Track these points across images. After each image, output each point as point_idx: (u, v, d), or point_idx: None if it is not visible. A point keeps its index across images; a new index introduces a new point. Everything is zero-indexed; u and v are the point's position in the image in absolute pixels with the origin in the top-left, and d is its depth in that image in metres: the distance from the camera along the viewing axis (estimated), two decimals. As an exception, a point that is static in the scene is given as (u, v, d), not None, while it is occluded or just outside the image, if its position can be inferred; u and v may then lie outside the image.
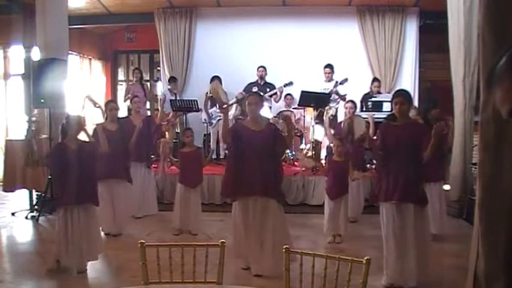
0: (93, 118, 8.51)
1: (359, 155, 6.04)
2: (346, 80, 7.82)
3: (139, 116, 6.48)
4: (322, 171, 6.06)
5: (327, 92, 7.79)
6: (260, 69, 8.33)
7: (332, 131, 6.34)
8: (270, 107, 8.18)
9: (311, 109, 7.91)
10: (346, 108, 6.44)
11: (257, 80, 8.35)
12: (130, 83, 9.01)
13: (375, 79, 8.30)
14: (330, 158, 5.66)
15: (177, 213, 5.66)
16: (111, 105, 5.84)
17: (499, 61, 1.09)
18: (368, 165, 6.62)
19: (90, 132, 4.97)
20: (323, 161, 7.00)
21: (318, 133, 7.72)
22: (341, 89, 7.91)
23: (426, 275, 3.99)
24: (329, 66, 8.09)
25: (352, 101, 6.45)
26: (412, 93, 8.70)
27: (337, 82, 7.91)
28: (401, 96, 4.03)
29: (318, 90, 7.81)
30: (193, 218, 5.64)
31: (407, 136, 3.91)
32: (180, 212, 5.63)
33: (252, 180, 4.21)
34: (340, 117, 7.46)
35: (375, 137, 4.50)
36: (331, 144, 5.95)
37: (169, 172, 6.50)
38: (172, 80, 8.88)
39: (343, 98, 7.63)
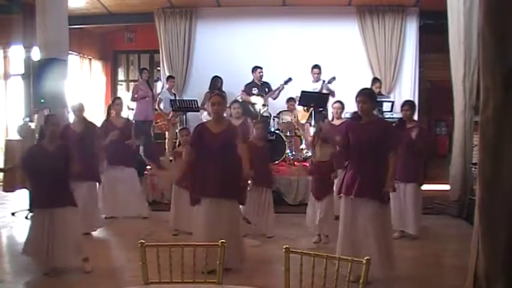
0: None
1: None
2: (334, 78, 7.79)
3: (120, 118, 6.44)
4: (302, 171, 6.01)
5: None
6: (259, 70, 8.30)
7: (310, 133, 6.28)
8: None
9: (302, 111, 7.95)
10: (333, 108, 6.28)
11: (253, 80, 8.31)
12: (136, 83, 8.98)
13: (375, 79, 8.26)
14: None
15: (172, 213, 5.66)
16: (75, 106, 5.80)
17: None
18: None
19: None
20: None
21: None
22: (330, 88, 7.90)
23: (382, 274, 3.85)
24: (317, 66, 8.07)
25: (339, 102, 6.28)
26: (412, 93, 8.89)
27: (324, 81, 7.90)
28: (362, 95, 4.05)
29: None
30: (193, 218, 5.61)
31: (368, 134, 3.96)
32: (175, 212, 5.62)
33: (209, 182, 4.23)
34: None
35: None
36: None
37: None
38: (170, 78, 8.86)
39: (332, 95, 7.61)
